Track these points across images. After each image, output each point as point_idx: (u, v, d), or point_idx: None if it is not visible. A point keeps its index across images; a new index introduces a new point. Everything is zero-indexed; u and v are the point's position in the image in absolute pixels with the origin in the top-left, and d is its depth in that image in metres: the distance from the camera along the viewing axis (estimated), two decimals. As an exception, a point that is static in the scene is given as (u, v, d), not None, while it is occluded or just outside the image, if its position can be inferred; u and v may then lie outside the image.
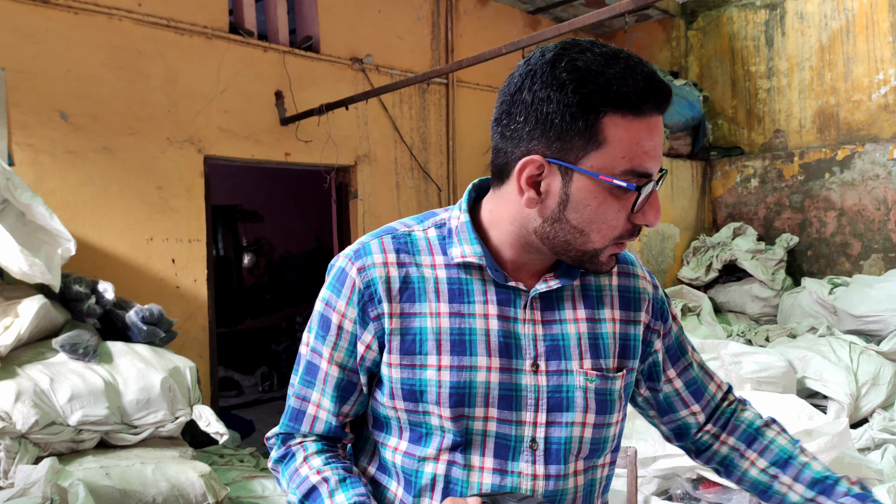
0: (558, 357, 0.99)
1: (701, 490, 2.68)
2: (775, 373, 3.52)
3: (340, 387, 1.02)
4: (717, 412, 1.18)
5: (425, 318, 0.98)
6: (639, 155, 0.88)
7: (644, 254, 5.53)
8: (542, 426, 0.98)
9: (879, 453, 3.04)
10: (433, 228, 1.04)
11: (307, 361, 1.04)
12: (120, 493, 2.66)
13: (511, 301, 0.99)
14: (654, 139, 0.89)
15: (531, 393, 0.98)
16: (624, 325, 1.06)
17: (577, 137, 0.88)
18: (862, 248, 5.34)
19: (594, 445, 1.02)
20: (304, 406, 1.04)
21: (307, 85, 4.81)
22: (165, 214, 4.22)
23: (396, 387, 0.98)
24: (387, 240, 1.01)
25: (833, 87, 5.57)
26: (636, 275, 1.11)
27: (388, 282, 0.98)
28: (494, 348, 0.97)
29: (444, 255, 1.01)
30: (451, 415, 0.96)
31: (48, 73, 3.79)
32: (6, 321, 2.91)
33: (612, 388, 1.02)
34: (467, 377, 0.96)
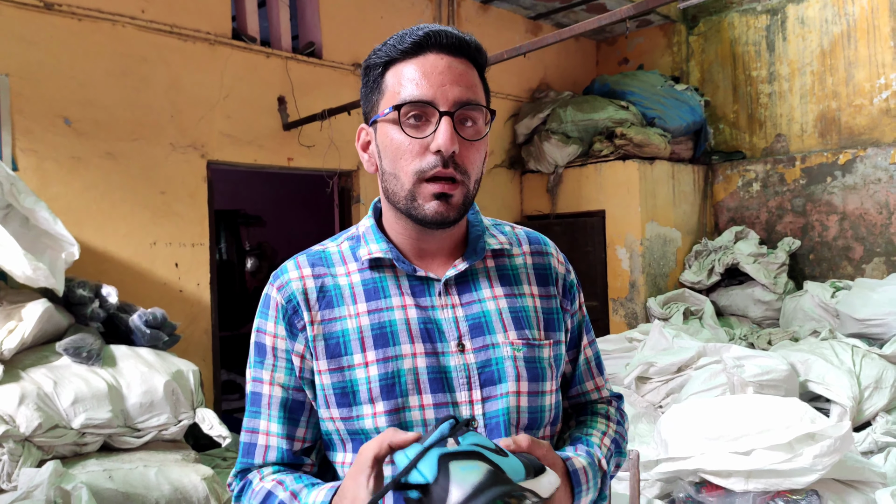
0: (482, 333, 1.02)
1: (703, 493, 2.68)
2: (777, 376, 3.51)
3: (287, 407, 1.03)
4: (583, 411, 1.19)
5: (345, 320, 1.01)
6: (406, 86, 0.97)
7: (646, 257, 5.53)
8: (479, 402, 1.00)
9: (882, 456, 3.04)
10: (346, 242, 1.10)
11: (251, 393, 1.05)
12: (123, 496, 2.67)
13: (425, 291, 1.03)
14: (430, 72, 0.97)
15: (461, 372, 1.00)
16: (544, 299, 1.10)
17: (372, 95, 1.03)
18: (864, 251, 5.34)
19: (532, 414, 1.03)
20: (254, 438, 1.04)
21: (309, 90, 4.83)
22: (168, 219, 4.24)
23: (329, 393, 0.99)
24: (301, 258, 1.07)
25: (834, 91, 5.58)
26: (549, 253, 1.16)
27: (306, 293, 1.03)
28: (416, 335, 1.00)
29: (356, 261, 1.06)
30: (385, 409, 0.96)
31: (52, 80, 3.81)
32: (10, 325, 2.92)
33: (540, 356, 1.05)
34: (394, 367, 0.98)
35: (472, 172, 1.00)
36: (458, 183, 0.98)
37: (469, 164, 0.99)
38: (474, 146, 1.00)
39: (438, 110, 0.96)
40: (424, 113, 0.97)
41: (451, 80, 0.97)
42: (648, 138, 5.56)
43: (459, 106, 0.97)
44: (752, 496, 2.56)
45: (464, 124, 0.99)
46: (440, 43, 0.98)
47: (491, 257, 1.10)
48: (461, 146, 0.98)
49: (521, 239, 1.15)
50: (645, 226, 5.53)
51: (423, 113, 0.97)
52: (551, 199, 6.08)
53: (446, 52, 0.98)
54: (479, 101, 1.00)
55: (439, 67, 0.98)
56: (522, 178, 6.33)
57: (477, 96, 1.00)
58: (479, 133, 1.01)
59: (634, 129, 5.59)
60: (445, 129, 0.95)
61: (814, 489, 2.56)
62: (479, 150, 1.02)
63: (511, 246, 1.13)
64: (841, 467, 2.55)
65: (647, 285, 5.55)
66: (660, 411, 3.80)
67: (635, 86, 6.00)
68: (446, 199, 0.98)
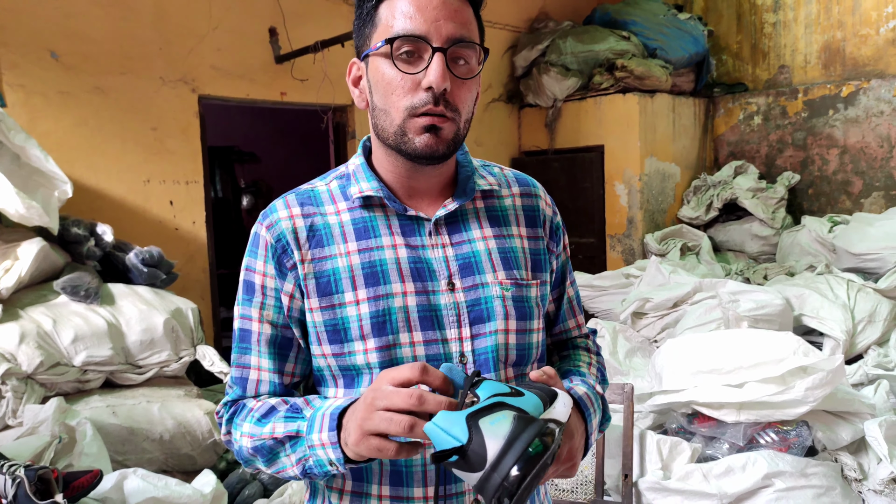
0: (472, 273, 1.04)
1: (695, 424, 2.74)
2: (772, 310, 3.55)
3: (276, 344, 1.05)
4: (565, 347, 1.23)
5: (336, 258, 1.02)
6: (398, 20, 0.96)
7: (644, 193, 5.50)
8: (468, 340, 1.02)
9: (872, 388, 3.10)
10: (334, 181, 1.10)
11: (239, 329, 1.07)
12: (127, 430, 2.72)
13: (415, 230, 1.05)
14: (424, 6, 0.95)
15: (451, 310, 1.02)
16: (531, 240, 1.12)
17: (364, 28, 1.01)
18: (863, 186, 5.31)
19: (520, 351, 1.06)
20: (246, 373, 1.05)
21: (302, 21, 4.69)
22: (161, 156, 4.18)
23: (321, 330, 1.01)
24: (290, 197, 1.07)
25: (840, 20, 5.43)
26: (537, 195, 1.17)
27: (296, 232, 1.03)
28: (407, 274, 1.01)
29: (346, 200, 1.06)
30: (376, 345, 0.98)
31: (36, 11, 3.68)
32: (6, 264, 2.91)
33: (528, 296, 1.07)
34: (384, 305, 0.99)
35: (462, 111, 1.00)
36: (449, 119, 0.98)
37: (460, 103, 0.99)
38: (466, 84, 0.99)
39: (431, 46, 0.95)
40: (417, 48, 0.96)
41: (446, 15, 0.96)
42: (650, 70, 5.44)
43: (452, 42, 0.96)
44: (742, 427, 2.62)
45: (456, 62, 0.98)
46: None
47: (480, 198, 1.11)
48: (453, 84, 0.97)
49: (509, 181, 1.16)
50: (644, 161, 5.48)
51: (415, 49, 0.96)
52: (549, 133, 5.99)
53: None
54: (473, 39, 0.99)
55: (434, 2, 0.96)
56: (520, 113, 6.22)
57: (471, 34, 0.99)
58: (472, 72, 1.00)
59: (636, 60, 5.46)
60: (437, 65, 0.95)
61: (804, 420, 2.62)
62: (471, 88, 1.01)
63: (500, 187, 1.13)
64: (831, 399, 2.61)
65: (644, 221, 5.53)
66: (654, 346, 3.85)
67: (637, 14, 5.83)
68: (436, 132, 0.98)
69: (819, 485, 2.43)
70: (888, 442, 2.54)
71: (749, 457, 2.47)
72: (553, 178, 5.82)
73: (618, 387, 2.44)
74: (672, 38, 5.70)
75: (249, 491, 2.65)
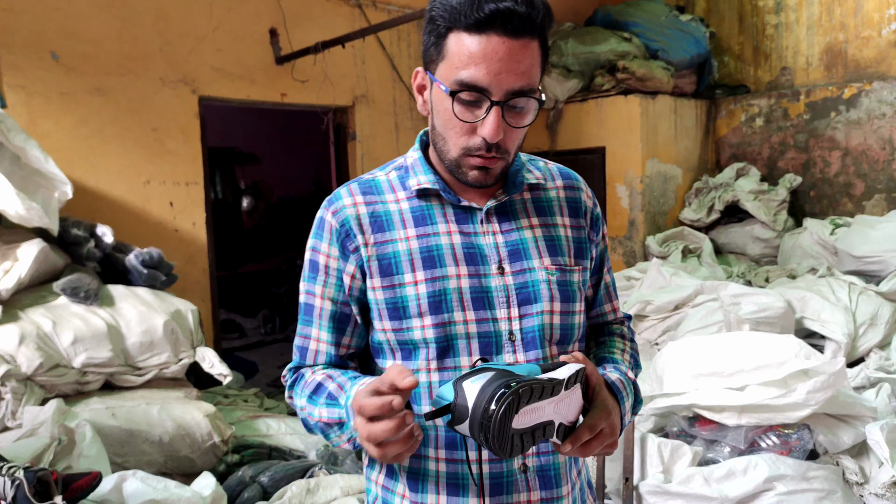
0: (520, 259, 1.14)
1: (697, 427, 2.73)
2: (774, 313, 3.53)
3: (335, 318, 1.17)
4: (602, 331, 1.33)
5: (396, 243, 1.13)
6: (466, 66, 1.01)
7: (646, 195, 5.49)
8: (516, 319, 1.12)
9: (874, 391, 3.09)
10: (393, 171, 1.21)
11: (304, 304, 1.19)
12: (126, 432, 2.72)
13: (468, 219, 1.15)
14: (489, 56, 1.00)
15: (501, 292, 1.12)
16: (574, 230, 1.22)
17: (432, 50, 1.07)
18: (865, 188, 5.30)
19: (563, 331, 1.16)
20: (306, 343, 1.19)
21: (302, 22, 4.68)
22: (161, 157, 4.17)
23: (382, 307, 1.12)
24: (353, 186, 1.19)
25: (842, 22, 5.42)
26: (580, 188, 1.27)
27: (359, 218, 1.14)
28: (461, 258, 1.12)
29: (404, 189, 1.17)
30: (432, 322, 1.09)
31: (36, 12, 3.68)
32: (6, 265, 2.91)
33: (571, 280, 1.17)
34: (441, 286, 1.10)
35: (512, 149, 1.10)
36: (499, 159, 1.08)
37: (511, 144, 1.08)
38: (518, 131, 1.08)
39: (490, 100, 1.02)
40: (477, 98, 1.03)
41: (509, 67, 1.01)
42: (651, 72, 5.43)
43: (511, 96, 1.03)
44: (744, 430, 2.61)
45: (512, 110, 1.05)
46: (505, 26, 0.99)
47: (527, 190, 1.21)
48: (506, 131, 1.05)
49: (553, 174, 1.26)
50: (645, 163, 5.47)
51: (475, 98, 1.03)
52: (551, 135, 5.99)
53: (510, 35, 1.00)
54: (531, 88, 1.04)
55: (500, 53, 1.00)
56: (521, 114, 6.21)
57: (531, 81, 1.04)
58: (525, 120, 1.07)
59: (637, 62, 5.45)
60: (493, 120, 1.03)
61: (805, 423, 2.61)
62: (523, 130, 1.10)
63: (545, 181, 1.23)
64: (833, 402, 2.60)
65: (646, 223, 5.52)
66: (656, 348, 3.84)
67: (639, 16, 5.82)
68: (486, 171, 1.09)
69: (820, 488, 2.42)
70: (890, 445, 2.53)
71: (750, 460, 2.47)
72: (554, 179, 5.80)
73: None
74: (674, 40, 5.69)
75: (249, 493, 2.64)
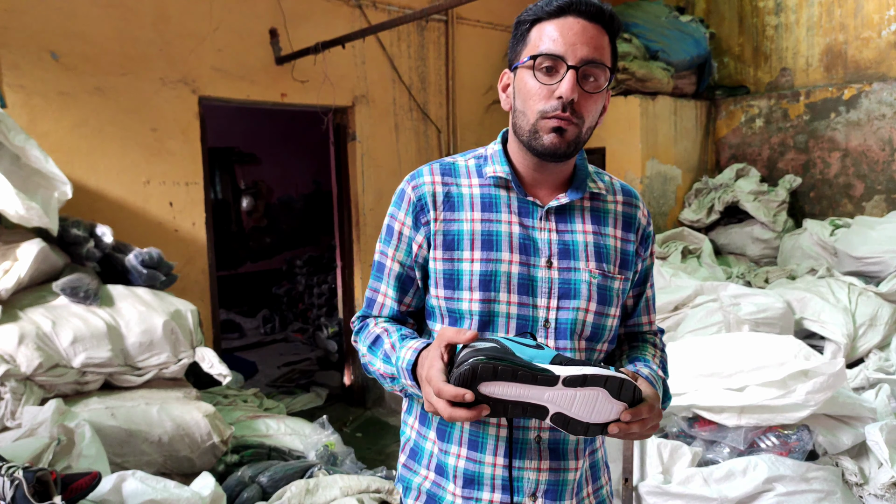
0: (568, 258, 1.27)
1: (696, 428, 2.73)
2: (773, 314, 3.53)
3: (401, 279, 1.33)
4: (636, 339, 1.43)
5: (462, 223, 1.27)
6: (544, 41, 1.19)
7: (646, 195, 5.49)
8: (554, 310, 1.25)
9: (874, 392, 3.08)
10: (472, 159, 1.35)
11: (377, 262, 1.36)
12: (126, 432, 2.71)
13: (530, 213, 1.28)
14: (566, 31, 1.18)
15: (545, 283, 1.25)
16: (624, 242, 1.33)
17: (517, 46, 1.26)
18: (865, 189, 5.30)
19: (594, 329, 1.28)
20: (375, 296, 1.36)
21: (302, 22, 4.68)
22: (161, 157, 4.17)
23: (439, 276, 1.27)
24: (435, 166, 1.33)
25: (842, 23, 5.42)
26: (637, 206, 1.38)
27: (435, 196, 1.29)
28: (516, 247, 1.25)
29: (479, 177, 1.31)
30: (479, 297, 1.23)
31: (36, 12, 3.68)
32: (6, 265, 2.90)
33: (611, 286, 1.29)
34: (493, 267, 1.24)
35: (587, 118, 1.21)
36: (574, 124, 1.19)
37: (585, 112, 1.20)
38: (592, 98, 1.21)
39: (567, 63, 1.17)
40: (555, 65, 1.19)
41: (583, 40, 1.18)
42: (651, 72, 5.43)
43: (584, 63, 1.18)
44: (743, 431, 2.61)
45: (587, 79, 1.19)
46: (579, 10, 1.19)
47: (588, 199, 1.33)
48: (580, 96, 1.19)
49: (615, 189, 1.38)
50: (645, 163, 5.47)
51: (553, 65, 1.19)
52: (550, 135, 5.98)
53: (584, 17, 1.19)
54: (604, 61, 1.20)
55: (575, 29, 1.18)
56: (521, 115, 6.21)
57: (602, 57, 1.20)
58: (598, 87, 1.21)
59: (637, 62, 5.45)
60: (569, 80, 1.17)
61: (805, 424, 2.61)
62: (597, 101, 1.22)
63: (607, 193, 1.35)
64: (833, 403, 2.59)
65: (645, 223, 5.52)
66: (655, 348, 3.84)
67: (639, 16, 5.82)
68: (561, 133, 1.19)
69: (820, 489, 2.42)
70: (889, 446, 2.53)
71: (750, 461, 2.46)
72: (554, 180, 5.80)
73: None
74: (674, 41, 5.69)
75: (248, 494, 2.63)
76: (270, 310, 7.80)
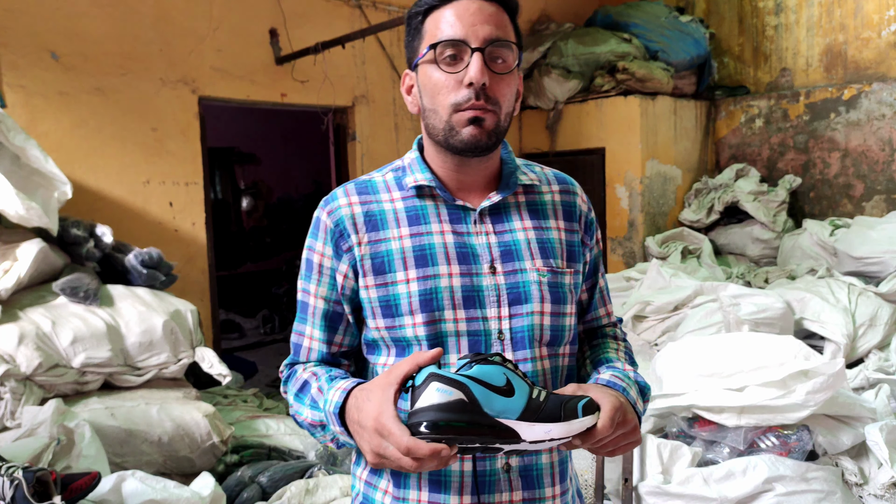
0: (512, 259, 1.15)
1: (696, 428, 2.73)
2: (773, 314, 3.53)
3: (327, 317, 1.19)
4: (595, 335, 1.33)
5: (390, 241, 1.14)
6: (442, 28, 1.09)
7: (645, 196, 5.49)
8: (506, 318, 1.13)
9: (873, 392, 3.08)
10: (390, 172, 1.22)
11: (300, 301, 1.22)
12: (125, 432, 2.72)
13: (462, 218, 1.17)
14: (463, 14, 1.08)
15: (492, 292, 1.13)
16: (568, 233, 1.23)
17: (413, 41, 1.16)
18: (865, 189, 5.30)
19: (553, 332, 1.16)
20: (301, 340, 1.22)
21: (302, 22, 4.68)
22: (161, 157, 4.17)
23: (375, 305, 1.13)
24: (349, 186, 1.20)
25: (842, 23, 5.42)
26: (575, 192, 1.29)
27: (354, 218, 1.15)
28: (453, 257, 1.13)
29: (400, 189, 1.19)
30: (423, 320, 1.10)
31: (37, 12, 3.68)
32: (5, 265, 2.90)
33: (562, 283, 1.18)
34: (432, 284, 1.11)
35: (503, 104, 1.11)
36: (490, 111, 1.09)
37: (500, 96, 1.10)
38: (504, 79, 1.11)
39: (470, 47, 1.08)
40: (458, 51, 1.09)
41: (482, 20, 1.09)
42: (651, 73, 5.43)
43: (489, 42, 1.08)
44: (743, 431, 2.61)
45: (495, 61, 1.09)
46: None
47: (522, 193, 1.22)
48: (492, 79, 1.08)
49: (549, 178, 1.28)
50: (645, 163, 5.47)
51: (456, 51, 1.09)
52: (550, 136, 5.99)
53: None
54: (509, 38, 1.10)
55: (471, 9, 1.09)
56: (521, 115, 6.22)
57: (507, 35, 1.10)
58: (509, 67, 1.11)
59: (637, 63, 5.45)
60: (476, 63, 1.07)
61: (805, 424, 2.61)
62: (510, 83, 1.12)
63: (540, 183, 1.25)
64: (832, 403, 2.59)
65: (645, 224, 5.52)
66: (655, 349, 3.84)
67: (639, 17, 5.82)
68: (479, 124, 1.09)
69: (820, 489, 2.42)
70: (889, 446, 2.53)
71: (750, 461, 2.46)
72: (554, 180, 5.80)
73: (618, 390, 2.43)
74: (674, 41, 5.69)
75: (248, 494, 2.63)
76: (270, 310, 7.80)
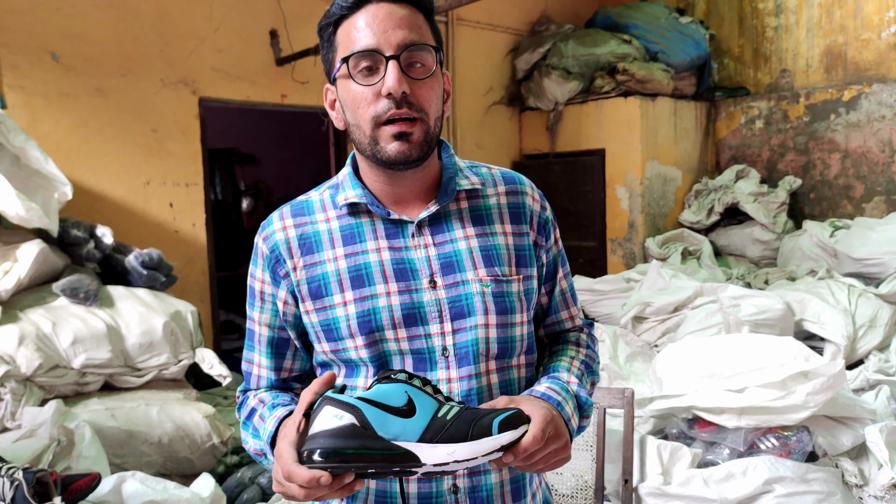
0: (453, 271, 1.09)
1: (696, 430, 2.73)
2: (773, 315, 3.53)
3: (273, 344, 1.15)
4: (557, 340, 1.25)
5: (325, 264, 1.09)
6: (353, 39, 1.03)
7: (645, 197, 5.49)
8: (450, 334, 1.07)
9: (873, 394, 3.08)
10: (327, 190, 1.16)
11: (247, 329, 1.19)
12: (126, 433, 2.72)
13: (399, 233, 1.10)
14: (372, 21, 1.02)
15: (433, 307, 1.07)
16: (516, 237, 1.15)
17: (328, 54, 1.09)
18: (865, 190, 5.30)
19: (501, 345, 1.10)
20: (250, 368, 1.19)
21: (302, 23, 4.69)
22: (161, 158, 4.18)
23: (318, 330, 1.10)
24: (286, 209, 1.15)
25: (842, 25, 5.42)
26: (524, 192, 1.19)
27: (288, 242, 1.11)
28: (390, 275, 1.08)
29: (335, 208, 1.13)
30: (364, 342, 1.06)
31: (37, 13, 3.68)
32: (6, 266, 2.91)
33: (508, 291, 1.11)
34: (370, 305, 1.06)
35: (429, 110, 1.04)
36: (417, 121, 1.03)
37: (424, 102, 1.03)
38: (426, 84, 1.04)
39: (384, 55, 1.01)
40: (373, 61, 1.02)
41: (394, 24, 1.02)
42: (651, 74, 5.43)
43: (404, 48, 1.01)
44: (743, 432, 2.61)
45: (412, 66, 1.03)
46: None
47: (465, 199, 1.15)
48: (412, 86, 1.02)
49: (496, 179, 1.19)
50: (645, 165, 5.47)
51: (371, 62, 1.02)
52: (551, 137, 5.99)
53: (387, 0, 1.03)
54: (425, 41, 1.04)
55: (380, 15, 1.02)
56: (521, 116, 6.22)
57: (422, 37, 1.04)
58: (429, 71, 1.04)
59: (637, 64, 5.46)
60: (392, 71, 1.00)
61: (805, 425, 2.61)
62: (432, 87, 1.05)
63: (484, 186, 1.17)
64: (832, 404, 2.59)
65: (645, 225, 5.52)
66: (655, 350, 3.84)
67: (639, 18, 5.83)
68: (406, 139, 1.02)
69: (820, 490, 2.42)
70: (889, 447, 2.53)
71: (749, 462, 2.46)
72: (554, 181, 5.81)
73: (618, 391, 2.43)
74: (674, 42, 5.70)
75: (248, 495, 2.63)
76: (270, 310, 7.78)
